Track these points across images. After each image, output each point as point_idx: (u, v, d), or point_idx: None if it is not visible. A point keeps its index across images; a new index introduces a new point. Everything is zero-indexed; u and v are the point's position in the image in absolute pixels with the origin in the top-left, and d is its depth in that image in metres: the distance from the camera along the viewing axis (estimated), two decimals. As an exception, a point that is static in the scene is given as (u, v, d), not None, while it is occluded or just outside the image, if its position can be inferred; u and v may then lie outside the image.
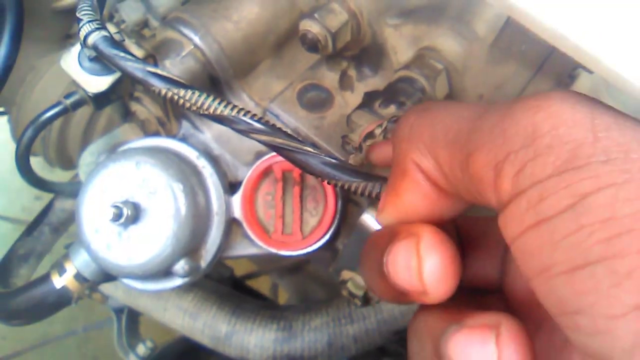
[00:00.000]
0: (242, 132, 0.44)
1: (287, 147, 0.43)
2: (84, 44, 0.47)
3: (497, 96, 0.52)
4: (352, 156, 0.46)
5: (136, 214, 0.48)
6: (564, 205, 0.22)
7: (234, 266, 0.90)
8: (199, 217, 0.50)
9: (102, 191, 0.49)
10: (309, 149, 0.43)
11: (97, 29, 0.47)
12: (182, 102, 0.44)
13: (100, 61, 0.51)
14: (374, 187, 0.43)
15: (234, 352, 0.67)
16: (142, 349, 0.84)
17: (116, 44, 0.47)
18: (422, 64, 0.52)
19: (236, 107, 0.44)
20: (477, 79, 0.52)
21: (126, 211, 0.46)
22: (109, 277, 0.52)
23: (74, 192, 0.70)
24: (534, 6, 0.27)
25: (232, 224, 0.53)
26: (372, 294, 0.55)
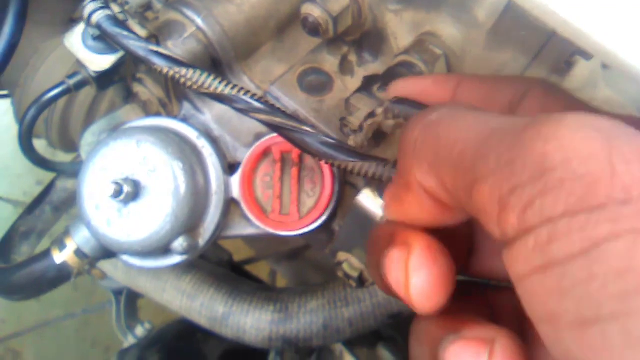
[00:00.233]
0: (242, 111, 0.45)
1: (286, 127, 0.44)
2: (88, 22, 0.48)
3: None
4: (352, 137, 0.47)
5: (136, 191, 0.48)
6: (576, 249, 0.20)
7: (233, 252, 0.91)
8: (198, 196, 0.50)
9: (103, 168, 0.49)
10: (307, 129, 0.44)
11: (101, 7, 0.48)
12: (183, 80, 0.45)
13: (103, 40, 0.51)
14: (370, 167, 0.43)
15: (231, 333, 0.68)
16: (140, 330, 0.85)
17: (119, 23, 0.48)
18: (421, 49, 0.53)
19: (236, 87, 0.44)
20: (475, 65, 0.53)
21: (126, 188, 0.47)
22: (108, 254, 0.53)
23: (76, 172, 0.71)
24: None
25: (230, 204, 0.54)
26: (367, 276, 0.56)
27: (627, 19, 0.28)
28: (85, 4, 0.49)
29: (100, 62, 0.51)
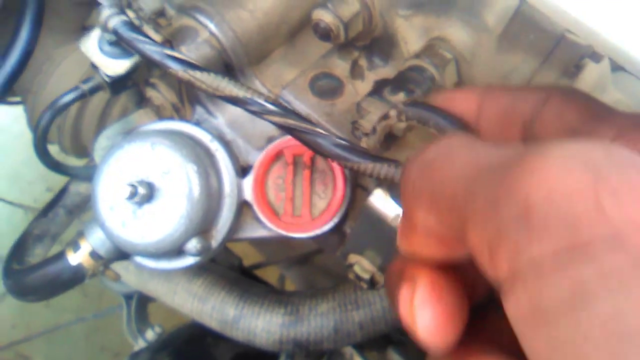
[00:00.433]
0: (256, 114, 0.45)
1: (299, 129, 0.44)
2: (104, 27, 0.49)
3: (505, 84, 0.53)
4: (365, 139, 0.47)
5: (150, 193, 0.49)
6: (564, 299, 0.19)
7: (242, 257, 0.91)
8: (211, 198, 0.51)
9: (118, 170, 0.50)
10: (321, 131, 0.44)
11: (117, 13, 0.49)
12: (198, 84, 0.46)
13: (119, 45, 0.52)
14: (382, 168, 0.44)
15: (241, 336, 0.69)
16: (150, 334, 0.86)
17: (135, 28, 0.49)
18: (431, 54, 0.53)
19: (250, 89, 0.45)
20: (485, 68, 0.53)
21: (141, 190, 0.48)
22: (122, 255, 0.54)
23: (89, 176, 0.72)
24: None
25: (242, 206, 0.54)
26: (379, 278, 0.56)
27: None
28: (101, 9, 0.49)
29: (115, 66, 0.52)
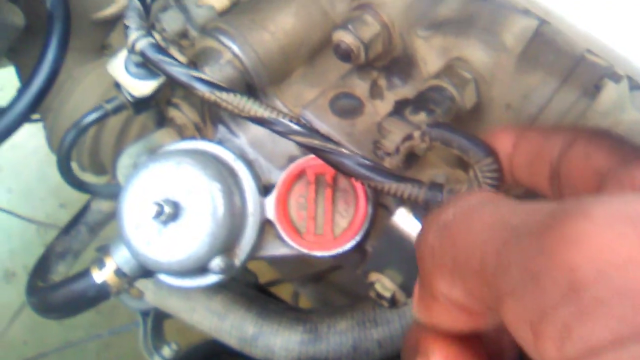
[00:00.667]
0: (281, 134, 0.46)
1: (324, 149, 0.45)
2: (132, 49, 0.50)
3: (524, 105, 0.54)
4: (388, 159, 0.48)
5: (176, 212, 0.50)
6: None
7: (257, 274, 0.91)
8: (235, 217, 0.52)
9: (143, 189, 0.51)
10: (345, 151, 0.45)
11: (144, 35, 0.50)
12: (224, 105, 0.47)
13: (145, 66, 0.53)
14: (406, 188, 0.44)
15: (260, 354, 0.69)
16: (167, 351, 0.86)
17: (162, 50, 0.50)
18: (451, 74, 0.54)
19: (275, 110, 0.46)
20: (504, 88, 0.54)
21: (167, 209, 0.49)
22: (147, 273, 0.54)
23: (111, 194, 0.73)
24: (571, 11, 0.29)
25: (265, 225, 0.55)
26: (400, 296, 0.56)
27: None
28: (129, 32, 0.51)
29: (141, 87, 0.53)
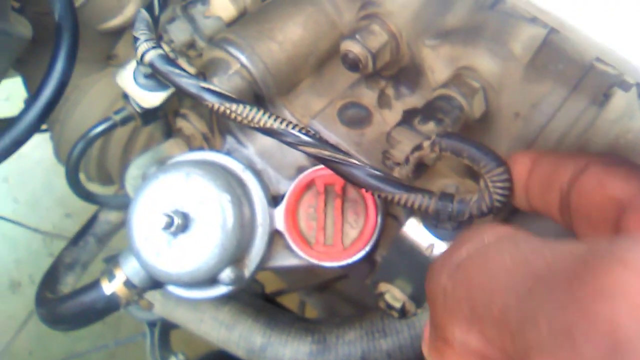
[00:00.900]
0: (291, 144, 0.46)
1: (334, 159, 0.45)
2: (141, 61, 0.50)
3: (533, 114, 0.54)
4: (397, 169, 0.48)
5: (185, 223, 0.50)
6: None
7: (264, 284, 0.91)
8: (244, 228, 0.52)
9: (153, 201, 0.51)
10: (355, 162, 0.45)
11: (154, 47, 0.50)
12: (234, 116, 0.47)
13: (154, 78, 0.53)
14: (417, 198, 0.44)
15: (269, 365, 0.69)
16: (174, 362, 0.85)
17: (171, 61, 0.50)
18: (459, 83, 0.54)
19: (285, 121, 0.46)
20: (513, 97, 0.54)
21: (177, 220, 0.49)
22: (156, 284, 0.54)
23: (118, 205, 0.73)
24: (580, 19, 0.29)
25: (274, 236, 0.55)
26: (410, 307, 0.56)
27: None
28: (138, 44, 0.51)
29: (150, 99, 0.53)
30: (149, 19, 0.54)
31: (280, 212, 0.54)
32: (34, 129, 0.54)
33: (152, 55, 0.50)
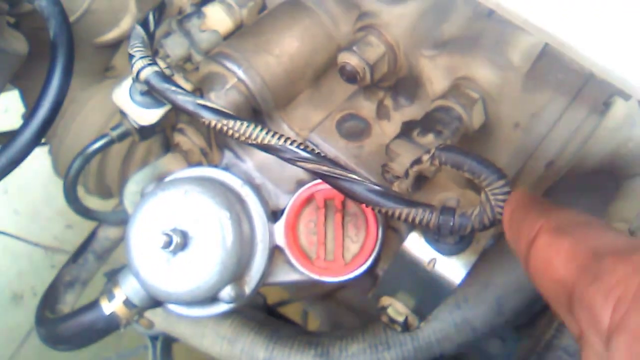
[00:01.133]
0: (289, 161, 0.46)
1: (333, 175, 0.44)
2: (137, 78, 0.50)
3: (533, 123, 0.53)
4: (397, 183, 0.47)
5: (184, 242, 0.49)
6: None
7: (266, 294, 0.91)
8: (244, 245, 0.51)
9: (152, 219, 0.50)
10: (354, 177, 0.44)
11: (149, 64, 0.50)
12: (231, 132, 0.46)
13: (150, 95, 0.53)
14: (417, 213, 0.44)
15: (272, 379, 0.68)
16: (177, 376, 0.85)
17: (167, 78, 0.50)
18: (458, 93, 0.54)
19: (283, 137, 0.45)
20: (513, 107, 0.53)
21: (176, 239, 0.48)
22: (156, 303, 0.53)
23: (117, 221, 0.73)
24: (575, 36, 0.28)
25: (274, 251, 0.54)
26: (413, 320, 0.55)
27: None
28: (133, 61, 0.50)
29: (147, 116, 0.53)
30: (144, 35, 0.53)
31: (280, 227, 0.53)
32: (30, 148, 0.54)
33: (147, 72, 0.49)
